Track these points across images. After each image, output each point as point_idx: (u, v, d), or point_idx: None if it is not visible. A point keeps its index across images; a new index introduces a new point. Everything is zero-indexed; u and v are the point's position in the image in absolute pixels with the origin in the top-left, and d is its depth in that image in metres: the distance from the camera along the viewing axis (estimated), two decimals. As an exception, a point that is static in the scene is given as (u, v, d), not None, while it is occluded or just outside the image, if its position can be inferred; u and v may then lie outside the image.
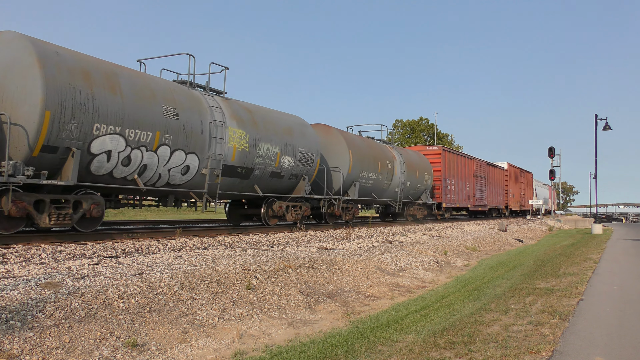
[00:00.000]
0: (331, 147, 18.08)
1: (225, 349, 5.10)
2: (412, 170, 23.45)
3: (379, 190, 20.81)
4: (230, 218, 16.46)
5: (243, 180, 13.48)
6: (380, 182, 20.64)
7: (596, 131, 28.58)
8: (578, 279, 9.01)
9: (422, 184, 24.68)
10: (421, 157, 25.58)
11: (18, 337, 4.22)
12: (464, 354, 4.66)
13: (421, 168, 24.57)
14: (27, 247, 8.19)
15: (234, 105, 13.54)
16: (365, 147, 19.72)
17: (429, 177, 25.40)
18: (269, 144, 14.05)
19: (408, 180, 23.06)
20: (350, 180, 18.22)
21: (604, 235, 25.37)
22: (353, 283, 8.58)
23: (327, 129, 18.69)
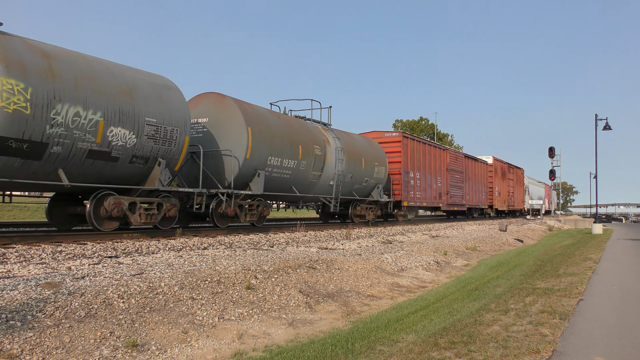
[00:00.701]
0: (224, 123, 13.44)
1: (225, 349, 5.10)
2: (355, 159, 18.55)
3: (302, 183, 15.88)
4: (52, 219, 11.24)
5: (29, 161, 8.74)
6: (305, 173, 15.72)
7: (596, 131, 28.59)
8: (578, 279, 9.01)
9: (371, 177, 19.65)
10: (372, 145, 20.50)
11: (18, 337, 4.22)
12: (464, 354, 4.66)
13: (370, 157, 19.58)
14: (27, 247, 8.19)
15: (10, 42, 8.62)
16: (278, 126, 14.74)
17: (382, 170, 20.32)
18: (80, 106, 9.21)
19: (350, 171, 18.18)
20: (251, 168, 13.49)
21: (603, 235, 25.37)
22: (353, 283, 8.58)
23: (219, 99, 13.78)
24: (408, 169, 22.96)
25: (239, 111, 13.32)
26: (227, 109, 13.47)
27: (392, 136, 23.15)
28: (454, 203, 28.86)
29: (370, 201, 20.35)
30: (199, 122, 13.64)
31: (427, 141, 25.98)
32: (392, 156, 22.12)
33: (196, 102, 13.95)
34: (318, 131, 17.07)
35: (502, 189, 40.13)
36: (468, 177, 31.85)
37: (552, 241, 22.24)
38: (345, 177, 18.09)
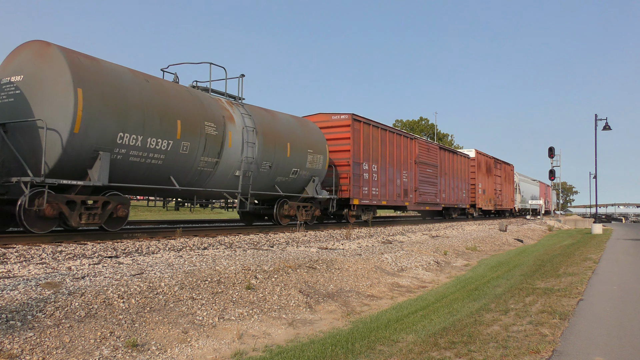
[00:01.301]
0: (43, 82, 9.31)
1: (225, 349, 5.10)
2: (276, 144, 14.39)
3: (187, 173, 11.66)
4: None
5: None
6: (189, 159, 11.47)
7: (596, 131, 28.60)
8: (578, 279, 9.01)
9: (302, 167, 15.42)
10: (305, 128, 16.16)
11: (18, 337, 4.22)
12: (464, 354, 4.66)
13: (300, 143, 15.36)
14: (27, 247, 8.19)
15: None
16: (140, 91, 10.55)
17: (320, 159, 16.18)
18: None
19: (267, 159, 13.99)
20: (87, 148, 9.37)
21: (603, 235, 25.38)
22: (353, 283, 8.58)
23: (41, 49, 9.53)
24: (360, 159, 18.67)
25: (66, 65, 9.12)
26: (50, 62, 9.30)
27: (340, 119, 18.45)
28: (424, 202, 24.53)
29: (305, 198, 16.25)
30: (11, 81, 9.53)
31: (388, 127, 21.30)
32: (338, 144, 18.16)
33: (13, 56, 9.86)
34: (216, 104, 12.65)
35: (488, 187, 35.83)
36: (444, 172, 27.58)
37: (552, 241, 22.25)
38: (261, 167, 13.83)
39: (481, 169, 34.61)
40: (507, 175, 42.64)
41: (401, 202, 22.20)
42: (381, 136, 20.55)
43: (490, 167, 36.78)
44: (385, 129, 21.04)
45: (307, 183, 16.22)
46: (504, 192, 41.05)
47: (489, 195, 36.14)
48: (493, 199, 37.08)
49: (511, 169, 44.29)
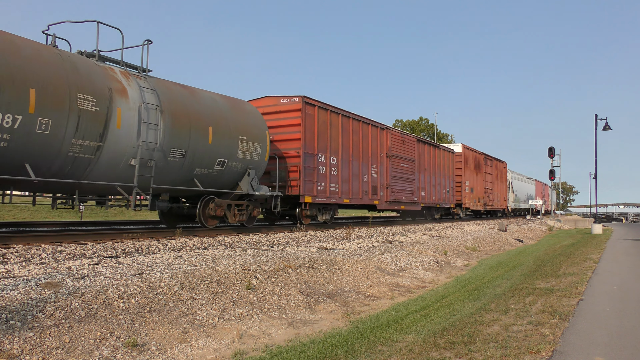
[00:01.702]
0: None
1: (225, 349, 5.10)
2: (192, 127, 11.36)
3: (54, 159, 8.86)
4: None
5: None
6: (53, 140, 8.70)
7: (596, 131, 28.61)
8: (578, 279, 9.01)
9: (232, 157, 12.46)
10: (237, 110, 13.14)
11: (18, 337, 4.22)
12: (464, 354, 4.66)
13: (229, 128, 12.38)
14: (27, 247, 8.19)
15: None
16: None
17: (257, 148, 13.21)
18: None
19: (178, 145, 11.02)
20: None
21: (603, 235, 25.38)
22: (353, 283, 8.58)
23: None
24: (314, 150, 15.88)
25: None
26: None
27: (290, 102, 15.70)
28: (398, 200, 21.62)
29: (239, 195, 13.29)
30: None
31: (352, 114, 18.33)
32: (287, 132, 15.65)
33: None
34: (101, 73, 9.77)
35: (476, 185, 32.90)
36: (423, 168, 24.80)
37: (552, 241, 22.25)
38: (170, 155, 10.89)
39: (469, 166, 31.75)
40: (499, 173, 39.69)
41: (369, 201, 19.28)
42: (343, 124, 17.71)
43: (479, 164, 33.88)
44: (348, 116, 18.13)
45: (241, 177, 13.10)
46: (496, 191, 37.99)
47: (478, 193, 33.23)
48: (483, 198, 34.18)
49: (504, 166, 41.39)
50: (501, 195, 40.01)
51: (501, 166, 40.65)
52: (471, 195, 31.77)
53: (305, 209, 15.87)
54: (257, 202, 14.18)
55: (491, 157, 37.42)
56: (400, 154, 22.12)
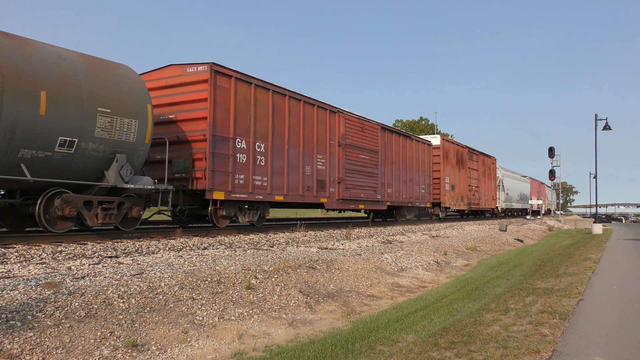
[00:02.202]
0: None
1: (225, 349, 5.11)
2: (5, 88, 8.02)
3: None
4: None
5: None
6: None
7: (596, 131, 28.61)
8: (578, 279, 9.02)
9: (87, 137, 9.31)
10: (103, 73, 9.93)
11: (18, 337, 4.23)
12: (464, 354, 4.66)
13: (79, 94, 9.17)
14: (27, 247, 8.19)
15: None
16: None
17: (132, 126, 10.12)
18: None
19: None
20: None
21: (603, 235, 25.39)
22: (353, 283, 8.58)
23: None
24: (229, 132, 12.57)
25: None
26: None
27: (197, 72, 12.36)
28: (355, 198, 18.23)
29: (105, 189, 10.11)
30: None
31: (287, 91, 14.79)
32: (192, 108, 12.39)
33: None
34: None
35: (459, 182, 29.47)
36: (390, 161, 21.40)
37: (552, 241, 22.26)
38: None
39: (449, 160, 28.30)
40: (487, 170, 36.08)
41: (313, 198, 15.90)
42: (275, 103, 14.20)
43: (462, 159, 30.37)
44: (283, 94, 14.59)
45: (108, 165, 9.84)
46: (483, 189, 34.46)
47: (461, 191, 29.82)
48: (467, 197, 30.65)
49: (492, 162, 37.66)
50: (489, 194, 36.39)
51: (489, 162, 36.82)
52: (452, 193, 28.30)
53: (219, 207, 12.71)
54: (142, 199, 10.76)
55: (477, 151, 33.71)
56: (358, 143, 18.57)
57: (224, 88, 12.59)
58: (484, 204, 34.87)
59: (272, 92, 14.21)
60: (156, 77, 13.16)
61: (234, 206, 13.13)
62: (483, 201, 34.54)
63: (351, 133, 18.25)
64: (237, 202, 13.20)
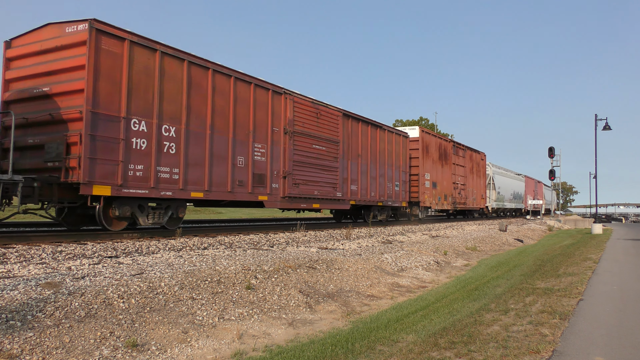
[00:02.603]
0: None
1: (225, 349, 5.11)
2: None
3: None
4: None
5: None
6: None
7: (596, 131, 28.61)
8: (578, 279, 9.01)
9: None
10: None
11: (18, 337, 4.23)
12: (464, 354, 4.66)
13: None
14: (27, 247, 8.19)
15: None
16: None
17: None
18: None
19: None
20: None
21: (603, 235, 25.39)
22: (353, 283, 8.58)
23: None
24: (120, 110, 10.14)
25: None
26: None
27: (76, 32, 9.90)
28: (306, 195, 15.56)
29: None
30: None
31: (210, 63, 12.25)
32: (68, 79, 9.96)
33: None
34: None
35: (442, 179, 26.63)
36: (356, 154, 18.61)
37: (552, 241, 22.25)
38: None
39: (430, 155, 25.26)
40: (476, 166, 33.09)
41: (248, 195, 13.34)
42: (191, 77, 11.68)
43: (446, 153, 27.38)
44: (205, 67, 12.06)
45: None
46: (471, 187, 31.60)
47: (445, 189, 26.92)
48: (451, 195, 27.75)
49: (481, 158, 34.55)
50: (478, 193, 33.31)
51: (478, 158, 33.59)
52: (434, 191, 25.31)
53: (112, 206, 10.31)
54: None
55: (464, 146, 30.79)
56: (311, 132, 15.86)
57: (113, 53, 9.97)
58: (472, 203, 32.00)
59: (189, 63, 11.57)
60: (31, 40, 10.60)
61: (131, 204, 10.61)
62: (471, 200, 31.63)
63: (302, 119, 15.49)
64: (136, 199, 10.70)
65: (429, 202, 24.87)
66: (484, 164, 35.40)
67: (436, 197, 25.83)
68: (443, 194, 26.86)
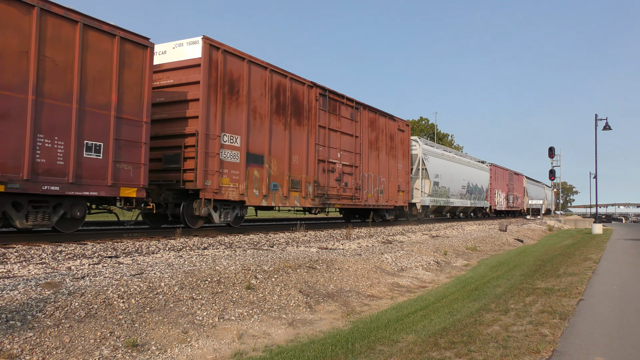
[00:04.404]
0: None
1: (225, 349, 5.10)
2: None
3: None
4: None
5: None
6: None
7: (596, 131, 28.62)
8: (578, 279, 9.01)
9: None
10: None
11: (18, 337, 4.22)
12: (464, 354, 4.66)
13: None
14: (27, 247, 8.19)
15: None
16: None
17: None
18: None
19: None
20: None
21: (604, 235, 25.39)
22: (353, 283, 8.58)
23: None
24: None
25: None
26: None
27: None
28: None
29: None
30: None
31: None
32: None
33: None
34: None
35: (282, 149, 14.69)
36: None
37: (552, 241, 22.25)
38: None
39: (240, 98, 12.95)
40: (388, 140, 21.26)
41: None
42: None
43: (301, 106, 15.58)
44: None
45: None
46: (373, 172, 19.99)
47: (297, 171, 15.29)
48: (316, 182, 16.04)
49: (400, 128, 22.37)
50: (393, 182, 21.55)
51: (393, 128, 21.51)
52: (252, 171, 13.30)
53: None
54: None
55: (355, 101, 18.52)
56: None
57: None
58: (377, 198, 20.19)
59: None
60: None
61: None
62: (373, 192, 19.89)
63: None
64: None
65: (229, 194, 12.74)
66: (407, 140, 23.27)
67: (260, 184, 13.71)
68: (290, 178, 14.88)
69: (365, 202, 19.11)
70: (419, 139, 26.04)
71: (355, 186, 18.43)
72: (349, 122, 18.27)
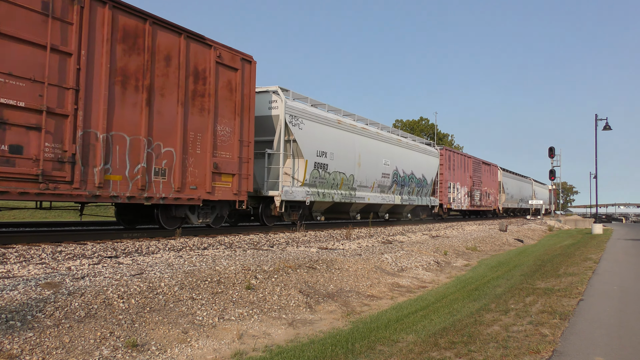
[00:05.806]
0: None
1: (225, 349, 5.10)
2: None
3: None
4: None
5: None
6: None
7: (596, 131, 28.62)
8: (578, 279, 9.01)
9: None
10: None
11: (18, 337, 4.22)
12: (464, 354, 4.66)
13: None
14: (27, 247, 8.19)
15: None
16: None
17: None
18: None
19: None
20: None
21: (604, 235, 25.38)
22: (353, 283, 8.58)
23: None
24: None
25: None
26: None
27: None
28: None
29: None
30: None
31: None
32: None
33: None
34: None
35: None
36: None
37: (552, 241, 22.24)
38: None
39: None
40: (206, 89, 11.68)
41: None
42: None
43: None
44: None
45: None
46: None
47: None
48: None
49: (233, 70, 12.55)
50: (202, 158, 11.49)
51: (205, 57, 11.70)
52: None
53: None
54: None
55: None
56: None
57: None
58: (149, 183, 10.25)
59: None
60: None
61: None
62: (129, 171, 9.78)
63: None
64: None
65: None
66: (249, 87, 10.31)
67: None
68: None
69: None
70: (282, 90, 15.42)
71: (57, 158, 8.52)
72: (35, 18, 8.25)
